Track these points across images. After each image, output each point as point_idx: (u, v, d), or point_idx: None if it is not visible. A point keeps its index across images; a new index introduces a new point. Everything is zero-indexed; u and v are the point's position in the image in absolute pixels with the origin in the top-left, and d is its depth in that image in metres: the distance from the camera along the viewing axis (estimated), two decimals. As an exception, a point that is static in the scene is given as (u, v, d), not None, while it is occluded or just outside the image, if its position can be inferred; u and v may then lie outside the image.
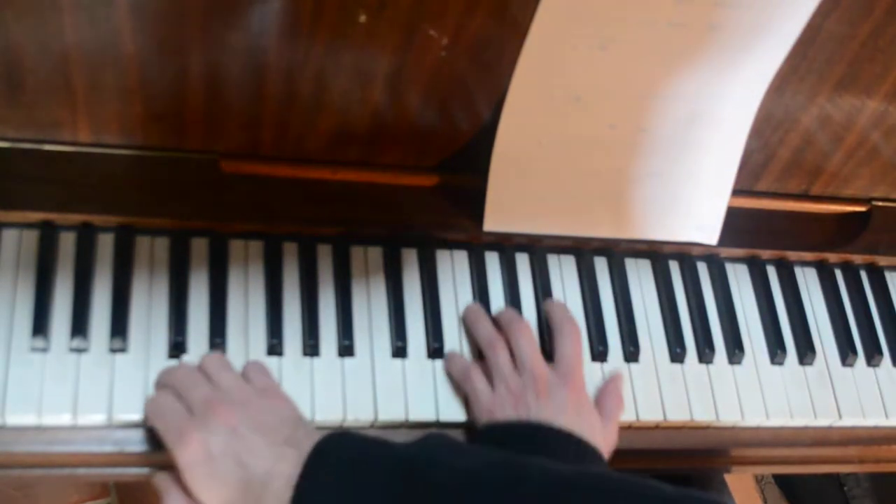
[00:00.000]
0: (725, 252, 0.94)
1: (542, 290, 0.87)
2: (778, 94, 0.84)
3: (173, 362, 0.76)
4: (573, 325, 0.83)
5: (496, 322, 0.83)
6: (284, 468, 0.65)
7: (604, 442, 0.78)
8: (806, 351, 0.91)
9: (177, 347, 0.76)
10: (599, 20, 0.73)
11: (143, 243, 0.80)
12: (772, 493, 1.73)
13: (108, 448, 0.73)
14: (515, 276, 0.87)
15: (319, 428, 0.77)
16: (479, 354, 0.82)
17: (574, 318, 0.84)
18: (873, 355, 0.93)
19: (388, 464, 0.64)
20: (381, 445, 0.67)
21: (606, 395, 0.82)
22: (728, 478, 1.22)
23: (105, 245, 0.79)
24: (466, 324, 0.84)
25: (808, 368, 0.91)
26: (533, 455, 0.69)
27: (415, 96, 0.79)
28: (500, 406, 0.77)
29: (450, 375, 0.81)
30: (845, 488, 1.62)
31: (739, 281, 0.94)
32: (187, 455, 0.66)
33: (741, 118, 0.83)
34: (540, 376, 0.78)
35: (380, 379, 0.80)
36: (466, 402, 0.80)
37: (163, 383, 0.73)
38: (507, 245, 0.88)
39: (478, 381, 0.79)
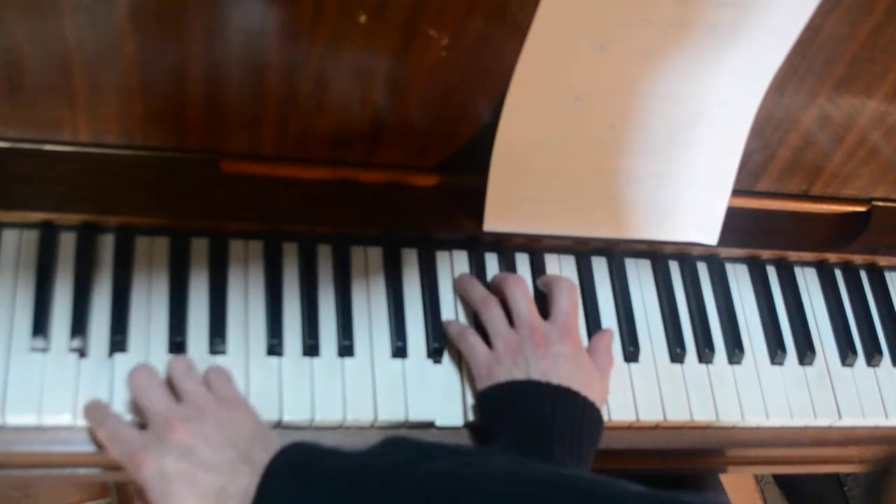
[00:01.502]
0: (725, 252, 0.94)
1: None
2: (778, 94, 0.84)
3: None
4: (568, 281, 0.83)
5: (491, 287, 0.84)
6: (239, 485, 0.66)
7: (600, 391, 0.79)
8: (806, 351, 0.91)
9: (177, 347, 0.76)
10: (599, 20, 0.73)
11: (143, 243, 0.80)
12: (772, 493, 1.73)
13: (108, 448, 0.73)
14: (515, 276, 0.87)
15: (318, 428, 0.77)
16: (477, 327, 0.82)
17: (568, 278, 0.85)
18: (873, 355, 0.93)
19: (339, 478, 0.65)
20: (334, 457, 0.67)
21: (598, 351, 0.83)
22: (728, 478, 1.22)
23: (105, 245, 0.79)
24: (459, 292, 0.85)
25: (808, 368, 0.91)
26: (534, 414, 0.71)
27: (415, 96, 0.79)
28: (498, 362, 0.78)
29: (448, 340, 0.82)
30: (845, 488, 1.62)
31: (739, 281, 0.94)
32: (144, 475, 0.67)
33: (741, 118, 0.83)
34: (537, 328, 0.79)
35: (380, 379, 0.80)
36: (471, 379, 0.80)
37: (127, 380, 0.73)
38: (507, 245, 0.88)
39: (473, 339, 0.80)
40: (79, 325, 0.75)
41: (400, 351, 0.81)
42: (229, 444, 0.68)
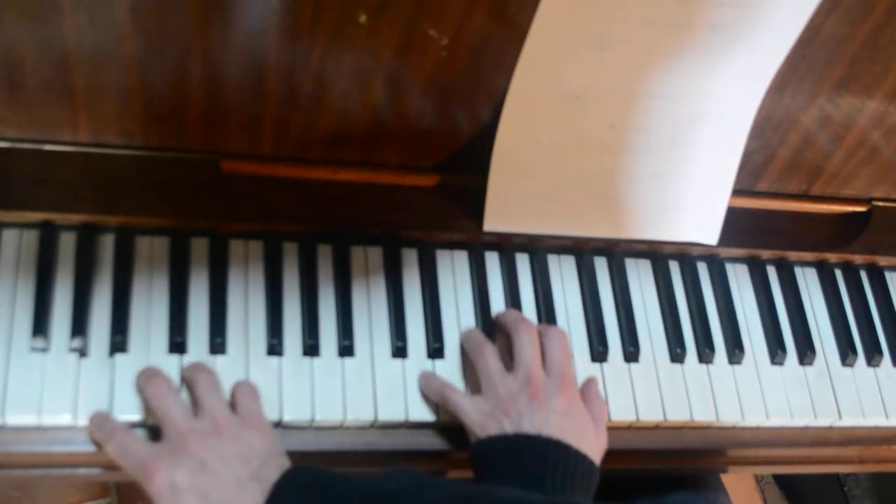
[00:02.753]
0: (725, 252, 0.94)
1: (542, 290, 0.87)
2: (778, 94, 0.84)
3: (174, 361, 0.76)
4: (557, 330, 0.82)
5: (499, 323, 0.83)
6: (247, 502, 0.66)
7: (596, 443, 0.78)
8: (806, 351, 0.91)
9: (177, 347, 0.76)
10: (599, 20, 0.73)
11: (143, 243, 0.80)
12: (772, 493, 1.73)
13: (108, 448, 0.73)
14: (515, 276, 0.87)
15: (318, 429, 0.77)
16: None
17: (558, 327, 0.84)
18: (873, 355, 0.93)
19: (346, 498, 0.65)
20: (341, 481, 0.67)
21: (590, 400, 0.81)
22: (728, 478, 1.22)
23: (105, 245, 0.79)
24: (463, 344, 0.83)
25: (808, 368, 0.91)
26: (525, 467, 0.71)
27: (415, 96, 0.79)
28: (490, 415, 0.76)
29: (429, 398, 0.80)
30: (845, 488, 1.62)
31: (739, 281, 0.94)
32: (154, 487, 0.67)
33: (741, 118, 0.83)
34: (535, 377, 0.78)
35: (380, 379, 0.80)
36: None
37: (140, 387, 0.73)
38: (507, 245, 0.88)
39: (457, 396, 0.78)
40: (79, 325, 0.75)
41: (400, 351, 0.81)
42: (242, 462, 0.68)
